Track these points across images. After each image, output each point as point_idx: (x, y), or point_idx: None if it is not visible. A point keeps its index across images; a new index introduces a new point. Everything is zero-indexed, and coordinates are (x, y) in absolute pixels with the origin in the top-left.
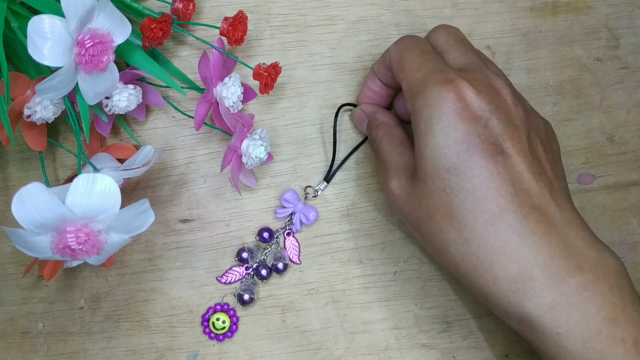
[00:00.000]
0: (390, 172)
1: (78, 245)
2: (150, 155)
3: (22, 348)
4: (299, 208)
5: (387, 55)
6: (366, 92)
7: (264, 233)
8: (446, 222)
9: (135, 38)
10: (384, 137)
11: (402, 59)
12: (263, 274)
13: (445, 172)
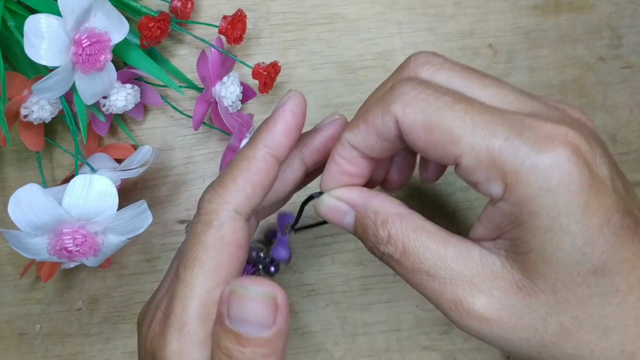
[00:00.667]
0: (465, 287)
1: (75, 247)
2: (148, 155)
3: (20, 349)
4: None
5: (381, 119)
6: (336, 174)
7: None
8: (598, 337)
9: (133, 37)
10: (417, 236)
11: (437, 121)
12: (272, 270)
13: (592, 275)
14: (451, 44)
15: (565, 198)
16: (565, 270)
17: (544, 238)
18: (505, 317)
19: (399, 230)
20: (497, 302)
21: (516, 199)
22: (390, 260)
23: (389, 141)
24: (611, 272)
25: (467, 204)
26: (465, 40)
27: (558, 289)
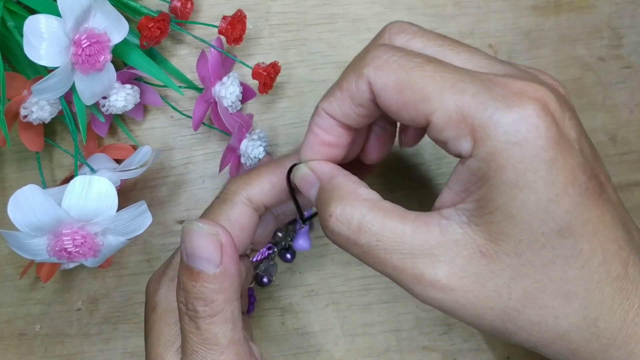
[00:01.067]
0: (426, 260)
1: (75, 247)
2: (147, 155)
3: (20, 350)
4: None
5: (355, 83)
6: (314, 144)
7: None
8: (561, 302)
9: (132, 37)
10: (373, 215)
11: (407, 81)
12: (287, 257)
13: (556, 235)
14: None
15: (532, 153)
16: (529, 229)
17: (509, 194)
18: (468, 284)
19: (355, 208)
20: (460, 270)
21: (484, 154)
22: (339, 238)
23: (363, 107)
24: (574, 233)
25: None
26: (465, 41)
27: (522, 250)
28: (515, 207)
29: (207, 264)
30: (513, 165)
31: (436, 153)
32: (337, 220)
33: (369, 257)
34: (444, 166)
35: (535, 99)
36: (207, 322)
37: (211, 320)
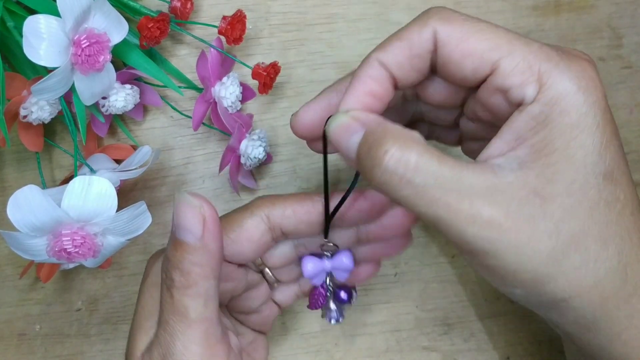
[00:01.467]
0: (482, 200)
1: (74, 248)
2: (147, 156)
3: (20, 350)
4: (328, 267)
5: (418, 33)
6: (360, 94)
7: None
8: (600, 246)
9: (132, 37)
10: (429, 155)
11: (475, 31)
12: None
13: (603, 179)
14: None
15: (592, 100)
16: (584, 170)
17: (570, 135)
18: (522, 225)
19: (412, 147)
20: (515, 211)
21: (549, 98)
22: (393, 178)
23: (420, 58)
24: (616, 180)
25: None
26: None
27: (574, 191)
28: (574, 148)
29: (189, 235)
30: (576, 108)
31: None
32: (392, 157)
33: (423, 198)
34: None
35: (588, 60)
36: (180, 293)
37: (184, 292)
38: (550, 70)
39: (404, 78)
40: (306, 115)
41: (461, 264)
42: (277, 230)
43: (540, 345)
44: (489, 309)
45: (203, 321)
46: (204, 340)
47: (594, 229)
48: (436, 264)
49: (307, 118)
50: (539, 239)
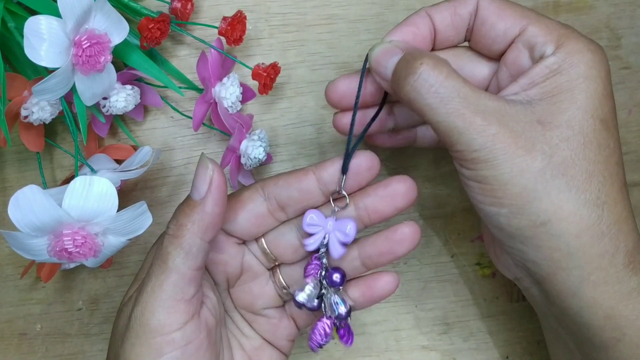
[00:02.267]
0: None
1: (75, 248)
2: (148, 156)
3: (20, 349)
4: (330, 228)
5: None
6: (404, 30)
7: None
8: (584, 180)
9: (133, 38)
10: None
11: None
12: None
13: (600, 123)
14: None
15: (598, 58)
16: (584, 110)
17: (576, 82)
18: (522, 142)
19: (444, 64)
20: (519, 131)
21: (564, 53)
22: (423, 86)
23: (461, 17)
24: (609, 129)
25: (466, 204)
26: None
27: (573, 125)
28: (579, 92)
29: (194, 192)
30: (585, 62)
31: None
32: (427, 67)
33: (444, 107)
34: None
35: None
36: (167, 240)
37: (171, 240)
38: (567, 35)
39: (444, 31)
40: (342, 84)
41: (461, 264)
42: (272, 202)
43: (539, 345)
44: (488, 308)
45: (176, 272)
46: (170, 290)
47: (583, 162)
48: (435, 264)
49: (343, 87)
50: (534, 157)
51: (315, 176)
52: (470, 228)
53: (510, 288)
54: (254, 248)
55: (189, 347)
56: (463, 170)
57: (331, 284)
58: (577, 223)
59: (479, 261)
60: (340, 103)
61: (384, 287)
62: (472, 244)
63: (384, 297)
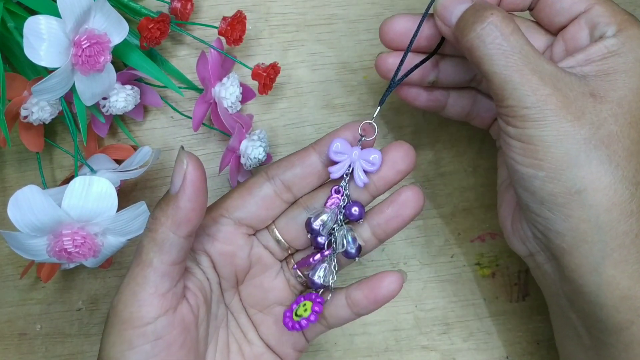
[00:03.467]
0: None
1: (74, 248)
2: (147, 156)
3: (20, 349)
4: (355, 156)
5: None
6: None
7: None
8: (625, 156)
9: (132, 38)
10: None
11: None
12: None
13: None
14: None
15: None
16: (636, 94)
17: (631, 66)
18: (573, 109)
19: (511, 19)
20: (572, 97)
21: (624, 37)
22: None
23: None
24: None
25: (466, 204)
26: None
27: (623, 104)
28: (633, 74)
29: (171, 186)
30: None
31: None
32: (496, 18)
33: (504, 60)
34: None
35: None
36: (144, 234)
37: (146, 234)
38: (629, 21)
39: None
40: (399, 23)
41: (460, 264)
42: (278, 183)
43: (539, 345)
44: (488, 308)
45: (149, 266)
46: (142, 283)
47: (626, 140)
48: (435, 264)
49: (400, 26)
50: (582, 124)
51: (316, 152)
52: (470, 228)
53: (510, 288)
54: (264, 239)
55: (160, 342)
56: (508, 129)
57: (349, 216)
58: (610, 197)
59: (478, 261)
60: (392, 42)
61: (389, 287)
62: (472, 244)
63: (389, 297)
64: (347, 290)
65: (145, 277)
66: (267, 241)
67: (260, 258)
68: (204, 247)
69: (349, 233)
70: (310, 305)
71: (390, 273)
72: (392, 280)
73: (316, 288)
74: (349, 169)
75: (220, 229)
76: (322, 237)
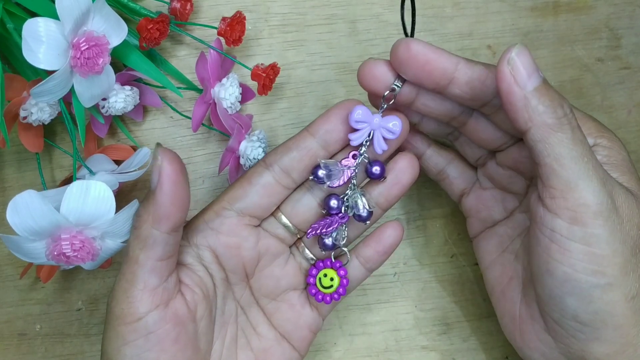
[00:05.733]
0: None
1: (73, 252)
2: (146, 157)
3: (20, 350)
4: (376, 124)
5: None
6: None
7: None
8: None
9: (132, 38)
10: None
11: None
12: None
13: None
14: (450, 45)
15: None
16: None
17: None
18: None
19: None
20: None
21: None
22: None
23: None
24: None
25: None
26: (464, 41)
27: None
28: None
29: (151, 183)
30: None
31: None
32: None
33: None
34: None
35: None
36: (131, 232)
37: (132, 231)
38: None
39: None
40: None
41: (460, 264)
42: (276, 169)
43: None
44: (488, 308)
45: (135, 263)
46: (131, 280)
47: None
48: (435, 264)
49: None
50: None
51: (310, 134)
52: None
53: None
54: (272, 227)
55: (152, 337)
56: (574, 229)
57: (370, 175)
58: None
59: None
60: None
61: (392, 235)
62: (471, 244)
63: (395, 245)
64: (356, 251)
65: (133, 273)
66: (275, 229)
67: (268, 248)
68: (207, 242)
69: (361, 197)
70: (333, 274)
71: (388, 223)
72: (393, 229)
73: (326, 250)
74: (368, 136)
75: (223, 222)
76: (335, 199)
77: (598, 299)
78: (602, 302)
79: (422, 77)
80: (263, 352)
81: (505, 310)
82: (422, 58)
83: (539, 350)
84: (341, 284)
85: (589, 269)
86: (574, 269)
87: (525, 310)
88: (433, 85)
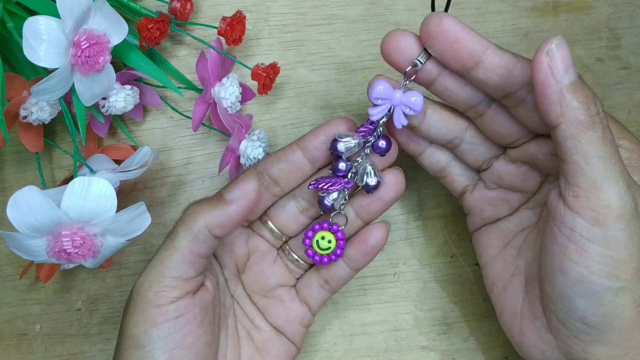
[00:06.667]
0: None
1: (74, 249)
2: (147, 157)
3: (20, 350)
4: (397, 100)
5: None
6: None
7: (340, 164)
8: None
9: (132, 38)
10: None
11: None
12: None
13: None
14: None
15: None
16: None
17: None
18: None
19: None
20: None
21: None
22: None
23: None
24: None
25: None
26: None
27: None
28: None
29: (229, 192)
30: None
31: None
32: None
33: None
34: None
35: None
36: (180, 224)
37: (182, 224)
38: None
39: None
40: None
41: (460, 264)
42: (266, 177)
43: None
44: (488, 308)
45: (180, 252)
46: (170, 267)
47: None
48: (435, 264)
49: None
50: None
51: (299, 148)
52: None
53: None
54: (258, 230)
55: (181, 319)
56: (594, 230)
57: (376, 148)
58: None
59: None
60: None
61: (377, 236)
62: (471, 244)
63: (379, 246)
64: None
65: (175, 261)
66: (261, 232)
67: (257, 246)
68: None
69: (371, 166)
70: (331, 236)
71: (375, 225)
72: (379, 231)
73: (324, 210)
74: (388, 112)
75: None
76: (344, 162)
77: (609, 302)
78: (612, 305)
79: (449, 54)
80: (263, 343)
81: (506, 306)
82: (453, 35)
83: (539, 348)
84: (338, 245)
85: (604, 271)
86: (590, 270)
87: (527, 308)
88: (458, 65)
